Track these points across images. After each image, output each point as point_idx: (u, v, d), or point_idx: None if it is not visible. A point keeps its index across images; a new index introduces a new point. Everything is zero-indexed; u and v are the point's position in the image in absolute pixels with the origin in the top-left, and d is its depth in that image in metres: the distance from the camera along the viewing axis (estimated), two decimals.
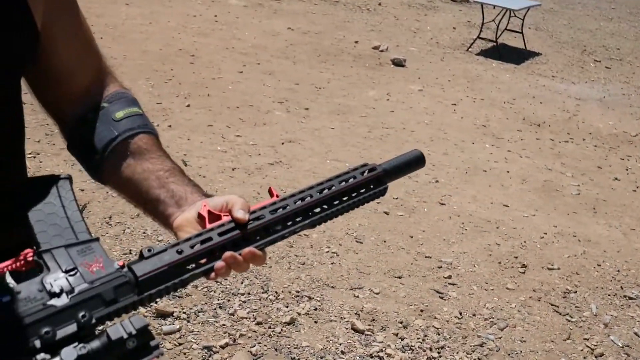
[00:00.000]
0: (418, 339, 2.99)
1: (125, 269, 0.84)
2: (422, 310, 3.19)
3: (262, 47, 7.43)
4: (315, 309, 3.07)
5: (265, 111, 5.55)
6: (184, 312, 2.88)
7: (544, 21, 11.06)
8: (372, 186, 1.12)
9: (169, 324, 2.80)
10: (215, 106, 5.43)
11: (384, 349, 2.88)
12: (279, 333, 2.87)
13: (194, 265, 0.91)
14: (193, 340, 2.74)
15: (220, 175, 4.22)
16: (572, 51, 9.43)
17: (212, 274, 0.92)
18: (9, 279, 0.85)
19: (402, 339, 2.96)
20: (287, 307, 3.06)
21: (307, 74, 6.85)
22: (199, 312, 2.91)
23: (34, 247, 0.84)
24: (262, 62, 6.89)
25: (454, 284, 3.45)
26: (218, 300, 3.01)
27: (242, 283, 3.16)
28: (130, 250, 3.25)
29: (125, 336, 0.74)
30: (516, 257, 3.81)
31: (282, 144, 4.94)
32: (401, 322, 3.08)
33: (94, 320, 0.77)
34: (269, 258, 3.44)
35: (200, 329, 2.82)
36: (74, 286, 0.79)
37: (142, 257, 0.87)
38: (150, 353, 0.75)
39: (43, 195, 0.92)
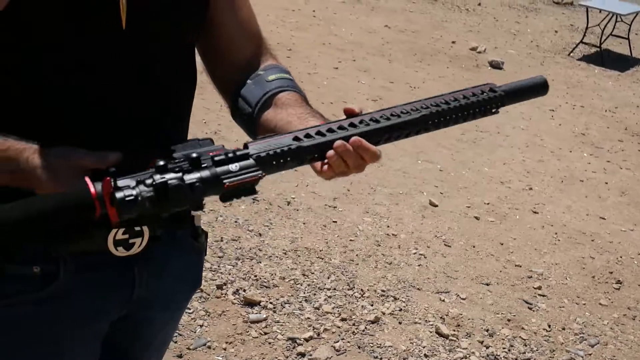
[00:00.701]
0: (504, 348, 2.93)
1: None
2: (509, 320, 3.13)
3: (359, 43, 7.43)
4: (400, 310, 3.06)
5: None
6: (270, 303, 2.93)
7: None
8: (488, 107, 1.13)
9: (256, 313, 2.85)
10: (310, 101, 5.47)
11: (468, 355, 2.84)
12: (363, 331, 2.88)
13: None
14: (278, 331, 2.79)
15: (310, 170, 4.25)
16: None
17: (325, 167, 1.03)
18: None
19: (487, 347, 2.91)
20: (372, 305, 3.06)
21: (402, 72, 6.81)
22: (285, 303, 2.96)
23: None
24: (357, 59, 6.90)
25: (543, 295, 3.36)
26: (304, 293, 3.05)
27: (328, 278, 3.19)
28: (221, 237, 3.33)
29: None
30: (611, 273, 3.67)
31: None
32: (487, 330, 3.02)
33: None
34: (356, 255, 3.45)
35: (286, 320, 2.86)
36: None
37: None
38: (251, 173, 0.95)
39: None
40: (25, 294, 1.10)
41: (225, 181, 0.93)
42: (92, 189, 0.89)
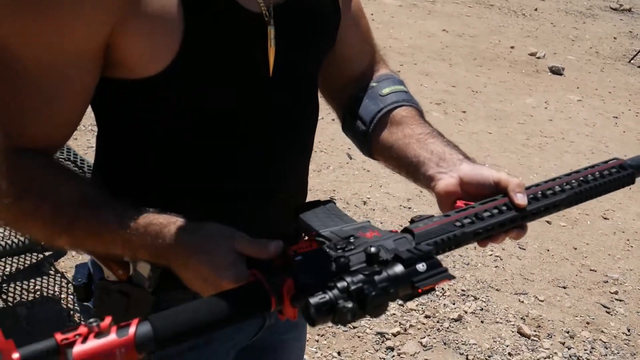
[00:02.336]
0: (585, 350, 2.98)
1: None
2: (588, 323, 3.18)
3: (418, 47, 7.50)
4: (481, 309, 3.13)
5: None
6: None
7: None
8: (621, 185, 1.19)
9: None
10: None
11: (551, 355, 2.90)
12: (447, 328, 2.96)
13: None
14: (367, 325, 2.88)
15: (383, 171, 4.34)
16: None
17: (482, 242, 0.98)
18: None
19: (569, 348, 2.97)
20: (453, 304, 3.13)
21: (463, 77, 6.86)
22: None
23: (313, 232, 0.93)
24: (418, 63, 6.97)
25: (620, 300, 3.40)
26: None
27: None
28: None
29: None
30: None
31: None
32: (567, 332, 3.08)
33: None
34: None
35: None
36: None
37: (412, 221, 0.95)
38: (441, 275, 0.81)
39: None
40: None
41: (417, 284, 0.78)
42: (267, 287, 0.79)
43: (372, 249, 0.81)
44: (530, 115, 6.07)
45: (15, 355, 0.62)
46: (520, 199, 1.01)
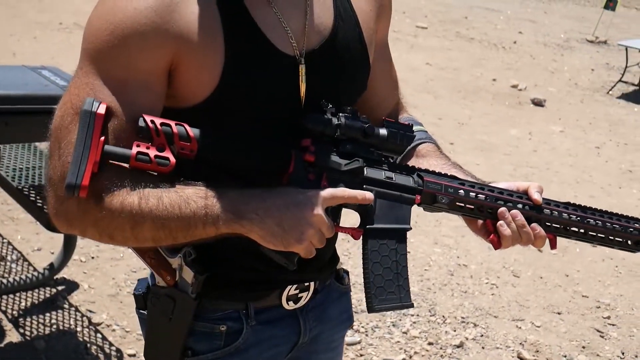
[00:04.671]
0: None
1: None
2: (583, 347, 3.29)
3: (403, 80, 7.63)
4: (482, 336, 3.24)
5: None
6: (362, 327, 3.13)
7: None
8: (628, 241, 1.31)
9: (350, 336, 3.04)
10: None
11: None
12: (450, 354, 3.06)
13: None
14: (373, 353, 2.98)
15: None
16: None
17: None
18: None
19: None
20: (454, 330, 3.24)
21: (448, 109, 7.05)
22: (375, 327, 3.15)
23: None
24: (404, 96, 7.07)
25: (613, 325, 3.52)
26: (391, 318, 3.24)
27: None
28: None
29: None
30: None
31: None
32: (565, 356, 3.19)
33: None
34: (432, 284, 3.64)
35: (378, 343, 3.05)
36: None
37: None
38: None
39: None
40: (215, 351, 1.26)
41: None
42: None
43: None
44: (515, 146, 6.25)
45: None
46: (537, 196, 1.25)
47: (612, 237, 1.29)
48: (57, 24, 7.55)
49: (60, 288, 3.02)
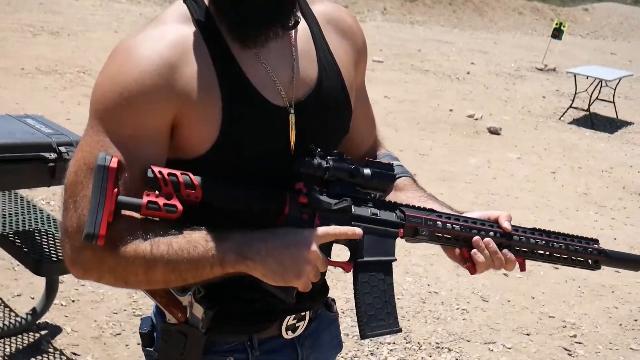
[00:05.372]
0: None
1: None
2: None
3: None
4: (456, 359, 3.37)
5: None
6: (341, 357, 3.21)
7: (632, 90, 11.24)
8: (588, 261, 1.44)
9: None
10: None
11: None
12: None
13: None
14: None
15: None
16: None
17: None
18: None
19: None
20: (430, 356, 3.35)
21: (409, 141, 7.24)
22: (354, 357, 3.24)
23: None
24: (380, 132, 7.31)
25: (580, 343, 3.68)
26: (368, 347, 3.34)
27: None
28: None
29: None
30: (636, 320, 4.01)
31: None
32: None
33: None
34: (406, 312, 3.76)
35: None
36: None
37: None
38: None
39: None
40: None
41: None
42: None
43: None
44: (475, 174, 6.45)
45: None
46: (506, 225, 1.35)
47: (574, 258, 1.42)
48: (19, 69, 7.56)
49: (43, 332, 3.05)
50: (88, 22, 10.65)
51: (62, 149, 2.25)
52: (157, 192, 1.15)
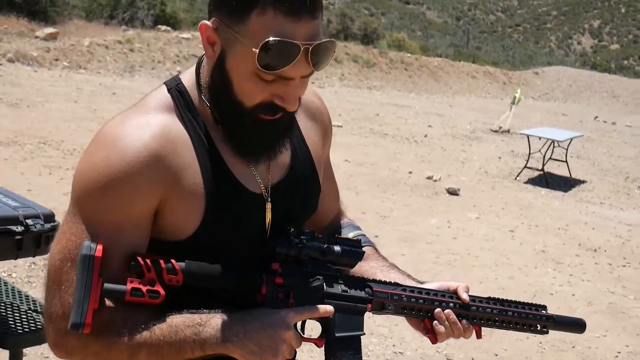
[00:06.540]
0: None
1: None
2: None
3: None
4: None
5: None
6: None
7: (584, 149, 11.64)
8: (537, 326, 1.54)
9: None
10: None
11: None
12: None
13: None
14: None
15: None
16: (615, 178, 9.89)
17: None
18: None
19: None
20: None
21: (370, 203, 7.35)
22: None
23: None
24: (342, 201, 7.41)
25: None
26: None
27: None
28: None
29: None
30: None
31: None
32: None
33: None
34: None
35: None
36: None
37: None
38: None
39: None
40: None
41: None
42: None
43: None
44: (436, 235, 6.56)
45: None
46: (465, 296, 1.45)
47: (524, 325, 1.52)
48: None
49: None
50: (47, 93, 10.67)
51: (29, 221, 2.27)
52: (140, 278, 1.20)
